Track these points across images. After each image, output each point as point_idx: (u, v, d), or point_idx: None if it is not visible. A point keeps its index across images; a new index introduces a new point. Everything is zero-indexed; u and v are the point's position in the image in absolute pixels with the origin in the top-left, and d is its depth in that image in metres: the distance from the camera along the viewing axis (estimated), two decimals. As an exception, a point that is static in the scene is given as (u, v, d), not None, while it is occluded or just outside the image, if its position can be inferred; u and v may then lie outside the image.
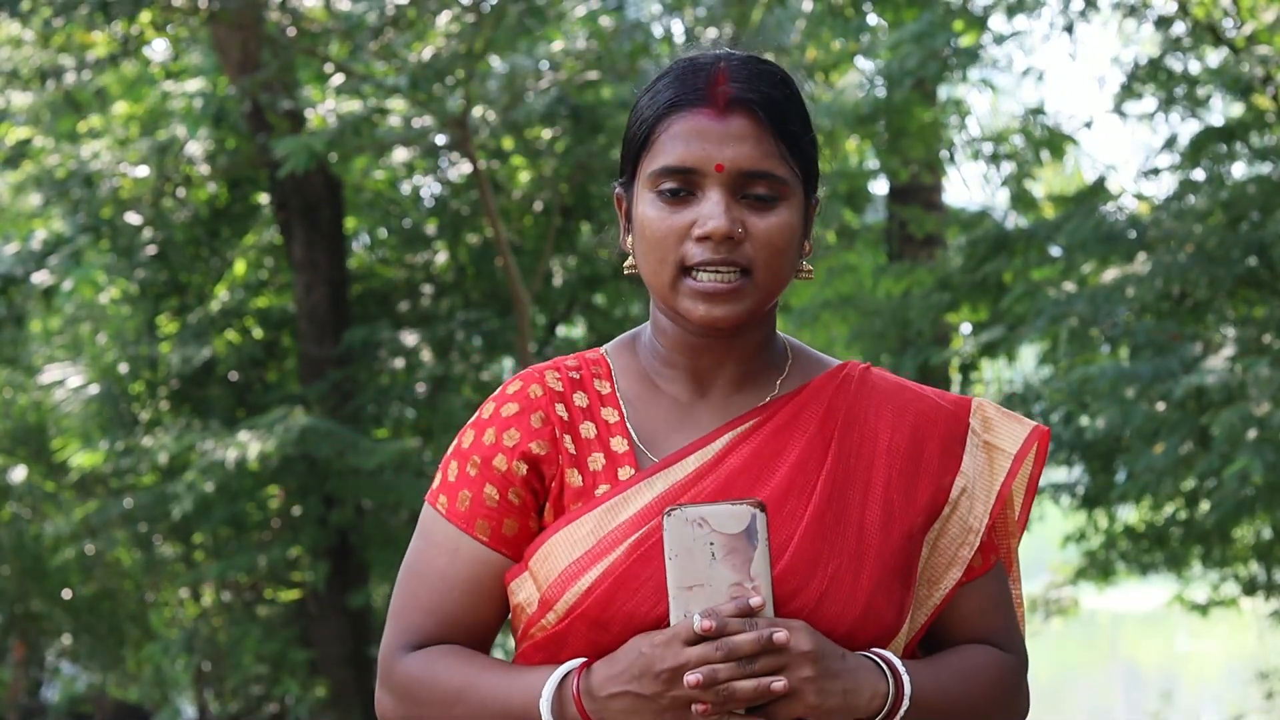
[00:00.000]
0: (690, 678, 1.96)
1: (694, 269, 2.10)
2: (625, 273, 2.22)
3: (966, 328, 10.77)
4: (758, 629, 1.98)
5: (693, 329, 2.15)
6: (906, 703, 2.06)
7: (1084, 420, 8.36)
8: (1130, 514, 10.11)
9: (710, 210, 2.09)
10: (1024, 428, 2.22)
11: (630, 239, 2.19)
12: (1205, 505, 8.82)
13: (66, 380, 11.73)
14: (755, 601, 1.98)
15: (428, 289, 11.91)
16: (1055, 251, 9.08)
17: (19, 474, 13.14)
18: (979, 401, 2.23)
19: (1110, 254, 8.38)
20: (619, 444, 2.15)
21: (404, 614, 2.18)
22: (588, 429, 2.16)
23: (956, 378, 10.32)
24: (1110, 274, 8.21)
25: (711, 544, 1.99)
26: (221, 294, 11.85)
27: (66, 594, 13.21)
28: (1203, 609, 11.04)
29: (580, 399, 2.18)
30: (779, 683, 1.98)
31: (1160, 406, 7.68)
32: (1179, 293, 8.23)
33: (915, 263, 10.61)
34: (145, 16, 9.76)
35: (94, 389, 11.57)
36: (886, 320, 9.90)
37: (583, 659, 2.07)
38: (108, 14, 9.19)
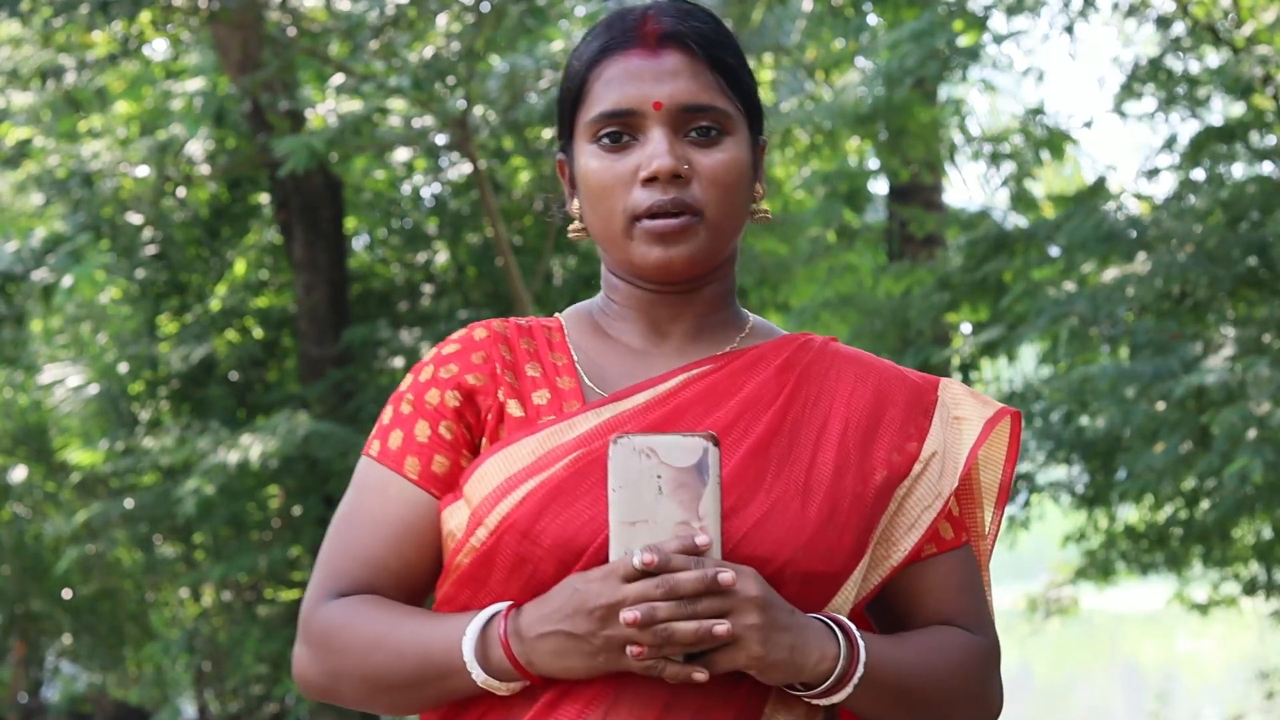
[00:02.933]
0: (627, 614, 1.83)
1: (644, 216, 2.00)
2: (570, 237, 2.12)
3: (966, 327, 10.78)
4: (703, 568, 1.85)
5: (648, 279, 2.06)
6: (860, 669, 1.92)
7: (1084, 420, 8.36)
8: (1130, 513, 10.11)
9: (654, 150, 2.00)
10: (991, 406, 2.12)
11: (575, 202, 2.10)
12: (1205, 505, 8.83)
13: (66, 380, 11.73)
14: (701, 540, 1.85)
15: (428, 289, 11.92)
16: (1054, 251, 9.09)
17: (19, 474, 13.15)
18: (948, 380, 2.13)
19: (1110, 254, 8.38)
20: (565, 382, 2.05)
21: (329, 561, 2.04)
22: (533, 369, 2.06)
23: (957, 377, 10.32)
24: (1110, 274, 8.22)
25: (659, 477, 1.86)
26: (222, 293, 11.85)
27: (67, 594, 13.22)
28: (1203, 609, 11.04)
29: (526, 343, 2.08)
30: (722, 626, 1.84)
31: (1160, 406, 7.68)
32: (1179, 292, 8.23)
33: (915, 262, 10.61)
34: (145, 16, 9.77)
35: (94, 389, 11.58)
36: (886, 320, 9.90)
37: (510, 603, 1.93)
38: (108, 14, 9.19)
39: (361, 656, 1.98)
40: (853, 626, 1.94)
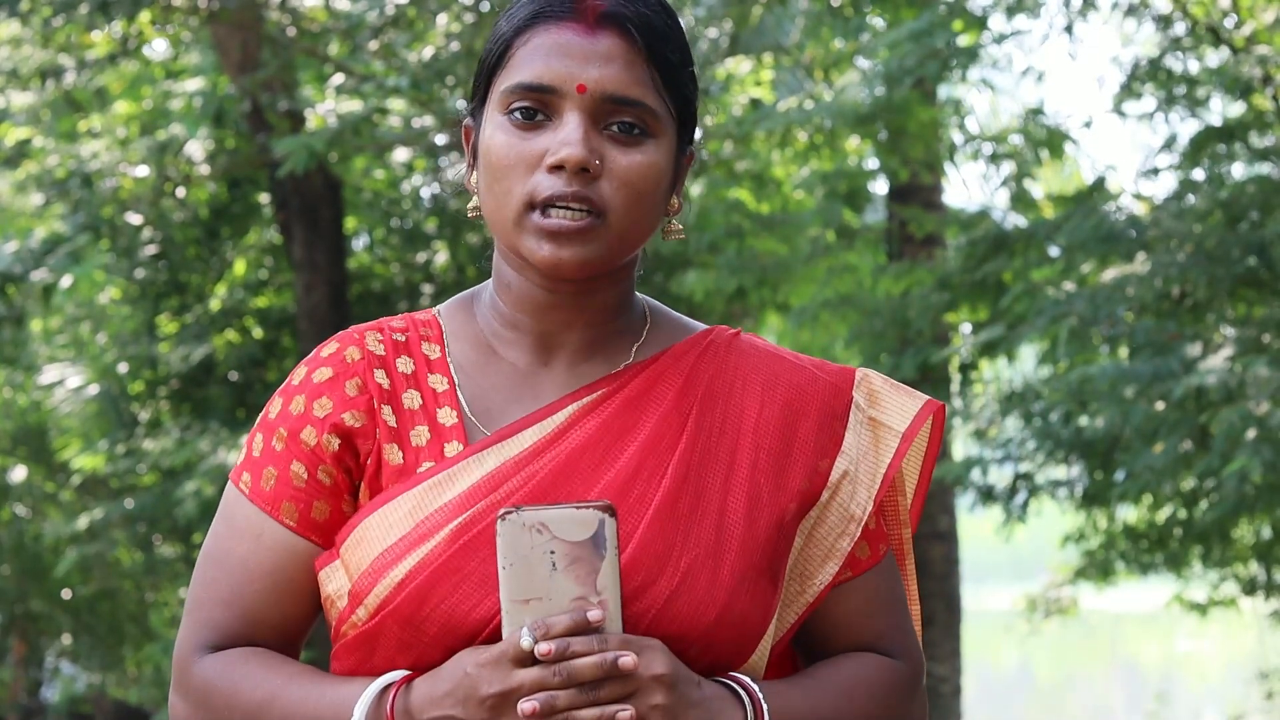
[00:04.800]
0: (525, 706, 1.70)
1: (543, 206, 1.81)
2: (469, 215, 1.94)
3: (966, 328, 10.78)
4: (605, 648, 1.72)
5: (537, 276, 1.87)
6: None
7: (1083, 420, 8.36)
8: (1130, 514, 10.11)
9: (566, 136, 1.81)
10: (915, 401, 1.95)
11: (474, 176, 1.91)
12: (1205, 505, 8.83)
13: (66, 380, 11.74)
14: (594, 615, 1.72)
15: (428, 289, 11.92)
16: (1054, 252, 9.09)
17: (19, 474, 13.15)
18: (864, 372, 1.96)
19: (1110, 254, 8.39)
20: (447, 415, 1.87)
21: (201, 608, 1.89)
22: (411, 398, 1.88)
23: (956, 377, 10.32)
24: (1110, 274, 8.22)
25: (552, 552, 1.73)
26: (221, 294, 11.86)
27: (66, 594, 13.22)
28: (1202, 609, 11.05)
29: (405, 364, 1.90)
30: (625, 712, 1.71)
31: (1160, 406, 7.68)
32: (1178, 292, 8.23)
33: (915, 262, 10.61)
34: (145, 16, 9.77)
35: (94, 389, 11.58)
36: (886, 320, 9.90)
37: (403, 673, 1.80)
38: (107, 14, 9.19)
39: None
40: (756, 688, 1.82)
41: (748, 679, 1.83)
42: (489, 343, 1.93)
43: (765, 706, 1.81)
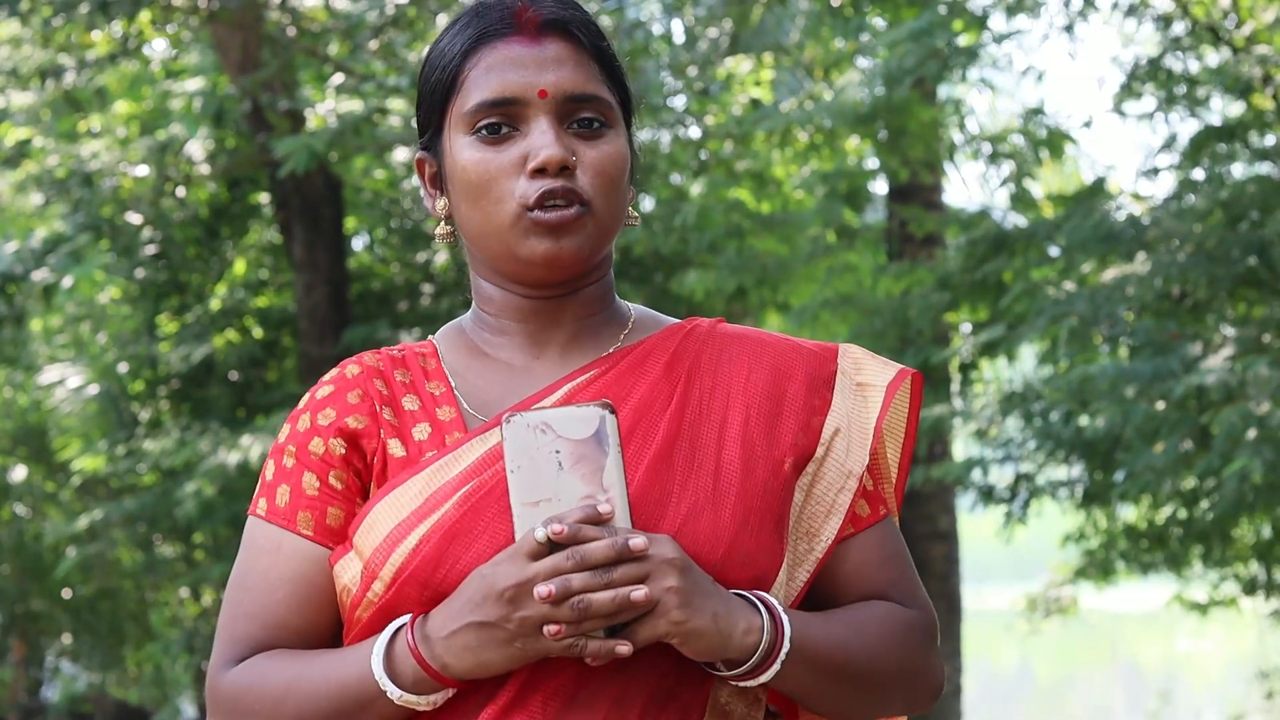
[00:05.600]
0: (541, 589, 1.73)
1: (537, 206, 1.90)
2: (439, 238, 2.05)
3: (966, 327, 10.78)
4: (614, 536, 1.76)
5: (533, 276, 1.95)
6: (787, 644, 1.83)
7: (1083, 420, 8.36)
8: (1130, 513, 10.11)
9: (541, 140, 1.90)
10: (892, 367, 2.03)
11: (442, 202, 2.00)
12: (1205, 504, 8.83)
13: (66, 380, 11.74)
14: (604, 508, 1.76)
15: (428, 289, 11.92)
16: (1054, 251, 9.09)
17: (19, 474, 13.15)
18: (847, 345, 2.04)
19: (1110, 254, 8.39)
20: (446, 412, 1.95)
21: (226, 628, 1.93)
22: (410, 401, 1.95)
23: (957, 377, 10.32)
24: (1110, 274, 8.22)
25: (557, 452, 1.77)
26: (221, 293, 11.86)
27: (67, 594, 13.22)
28: (1203, 608, 11.04)
29: (401, 375, 1.98)
30: (639, 591, 1.74)
31: (1160, 406, 7.68)
32: (1179, 292, 8.23)
33: (915, 262, 10.61)
34: (145, 16, 9.77)
35: (94, 389, 11.58)
36: (886, 320, 9.90)
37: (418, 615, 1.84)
38: (107, 13, 9.19)
39: (273, 710, 1.87)
40: (774, 600, 1.85)
41: (761, 592, 1.86)
42: (481, 349, 2.01)
43: (784, 615, 1.84)
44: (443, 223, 2.02)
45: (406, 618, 1.83)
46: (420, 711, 1.84)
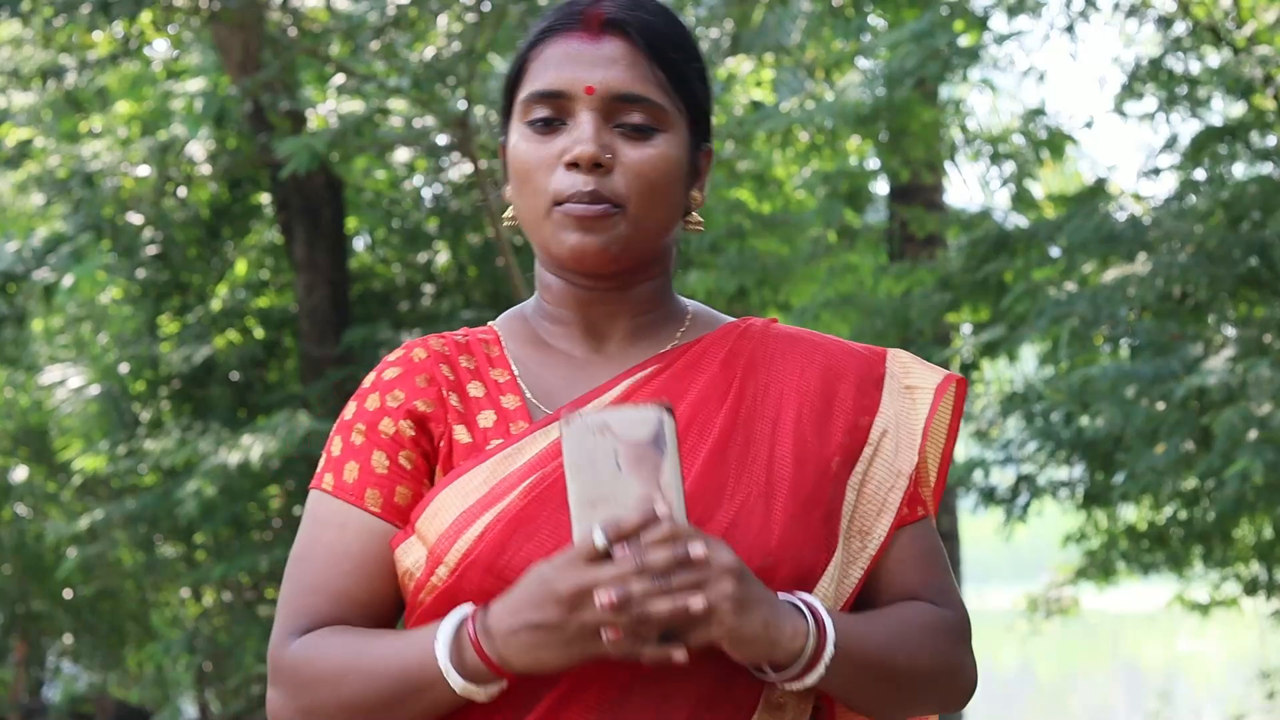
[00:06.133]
0: (602, 596, 1.75)
1: (565, 201, 1.95)
2: (506, 226, 2.08)
3: (967, 328, 10.78)
4: (675, 539, 1.78)
5: (566, 267, 1.99)
6: (831, 649, 1.86)
7: (1084, 420, 8.36)
8: (1131, 514, 10.12)
9: (579, 135, 1.95)
10: (939, 372, 2.07)
11: (509, 187, 2.04)
12: (1206, 505, 8.83)
13: (67, 380, 11.74)
14: (661, 510, 1.78)
15: (429, 289, 11.92)
16: (1055, 252, 9.09)
17: (20, 474, 13.16)
18: (895, 350, 2.09)
19: (1111, 254, 8.39)
20: (510, 400, 1.99)
21: (290, 600, 1.97)
22: (476, 388, 2.00)
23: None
24: (1111, 274, 8.22)
25: (616, 453, 1.79)
26: (222, 294, 11.86)
27: (68, 594, 13.22)
28: (1203, 609, 11.04)
29: (466, 361, 2.02)
30: (697, 601, 1.77)
31: (1161, 406, 7.69)
32: (1180, 293, 8.24)
33: (916, 263, 10.61)
34: (146, 16, 9.77)
35: (95, 389, 11.58)
36: (887, 320, 9.90)
37: (478, 605, 1.87)
38: (109, 14, 9.19)
39: (334, 685, 1.90)
40: (818, 603, 1.88)
41: (807, 595, 1.89)
42: (542, 339, 2.06)
43: (829, 620, 1.87)
44: (510, 208, 2.06)
45: (468, 608, 1.86)
46: (477, 702, 1.87)
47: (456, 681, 1.84)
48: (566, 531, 1.84)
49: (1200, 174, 8.87)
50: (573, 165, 1.95)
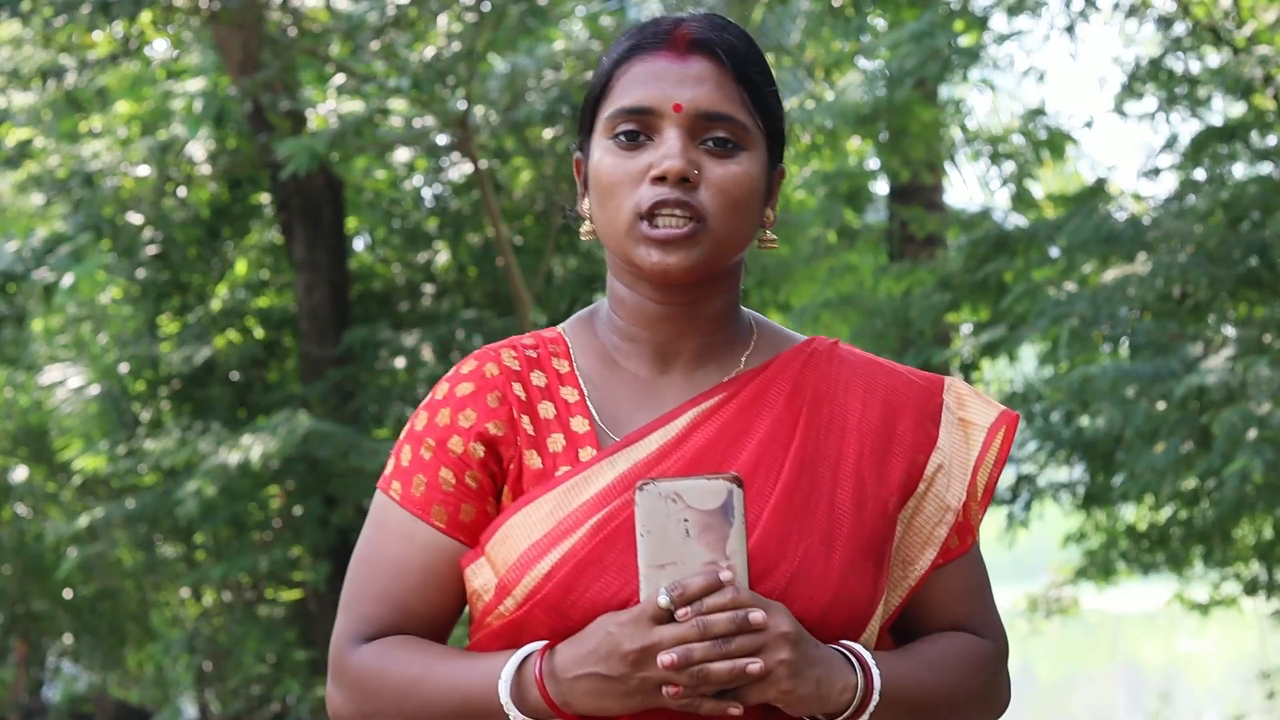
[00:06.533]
0: (664, 658, 1.86)
1: (650, 215, 2.01)
2: (583, 238, 2.13)
3: (967, 328, 10.78)
4: (736, 606, 1.88)
5: (649, 289, 2.06)
6: (876, 698, 1.97)
7: (1084, 420, 8.36)
8: (1131, 513, 10.11)
9: (666, 150, 2.01)
10: (994, 408, 2.14)
11: (586, 201, 2.10)
12: (1206, 505, 8.82)
13: (67, 380, 11.74)
14: (725, 575, 1.88)
15: (429, 289, 11.92)
16: (1055, 252, 9.09)
17: (20, 474, 13.15)
18: (951, 379, 2.16)
19: (1111, 254, 8.38)
20: (579, 424, 2.06)
21: (355, 604, 2.07)
22: (546, 409, 2.07)
23: (958, 377, 10.32)
24: (1111, 274, 8.22)
25: (685, 520, 1.89)
26: (222, 294, 11.85)
27: (68, 594, 13.22)
28: (1204, 609, 11.04)
29: (538, 378, 2.08)
30: (755, 665, 1.88)
31: (1161, 406, 7.68)
32: (1179, 293, 8.23)
33: (916, 263, 10.61)
34: (146, 16, 9.77)
35: (95, 389, 11.58)
36: (887, 320, 9.90)
37: (544, 641, 1.96)
38: (108, 14, 9.19)
39: (398, 701, 2.01)
40: (867, 655, 1.99)
41: (859, 646, 2.00)
42: (611, 355, 2.12)
43: (875, 670, 1.97)
44: (587, 221, 2.11)
45: (533, 646, 1.96)
46: None
47: (516, 716, 1.95)
48: (632, 574, 1.93)
49: (1200, 174, 8.87)
50: (659, 179, 2.00)
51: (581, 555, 1.96)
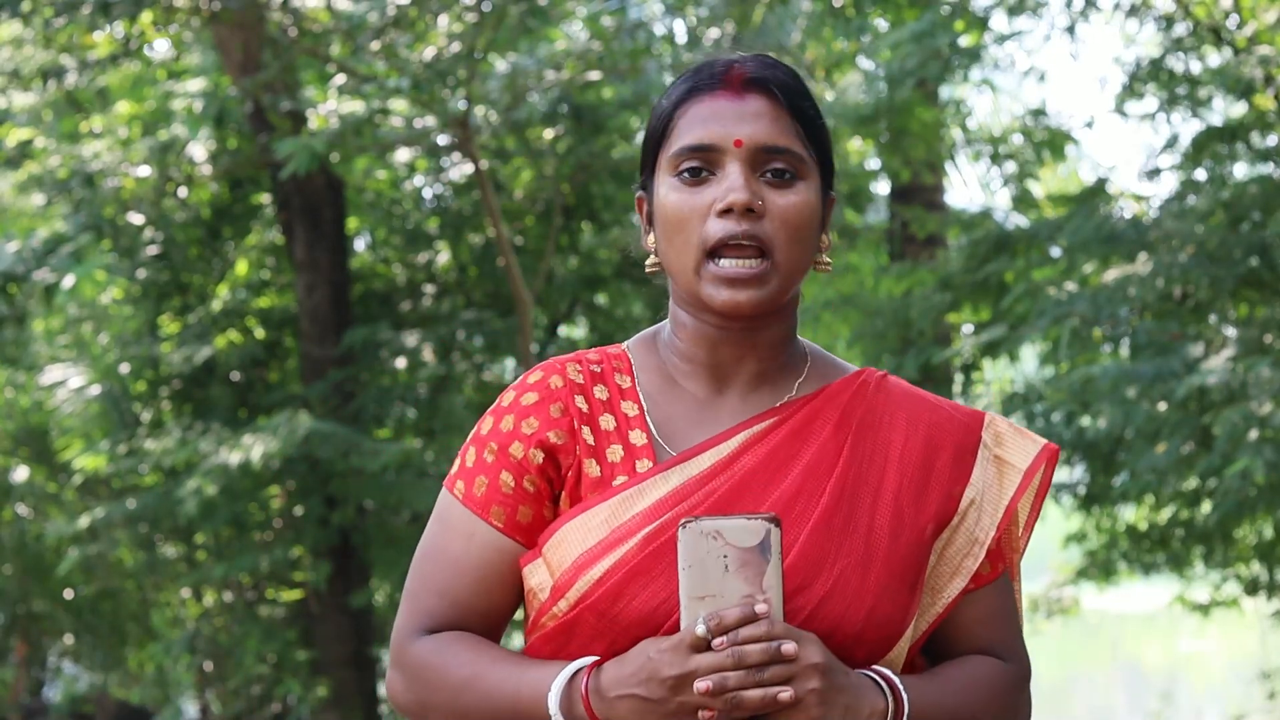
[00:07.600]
0: (700, 685, 1.98)
1: (717, 251, 2.12)
2: (648, 272, 2.24)
3: (968, 328, 10.77)
4: (770, 637, 2.00)
5: (715, 317, 2.17)
6: None
7: (1085, 420, 8.36)
8: (1132, 514, 10.11)
9: (731, 184, 2.12)
10: (1035, 445, 2.25)
11: (651, 237, 2.22)
12: (1207, 505, 8.82)
13: (68, 381, 11.73)
14: (760, 609, 1.99)
15: (429, 289, 11.92)
16: (1056, 252, 9.08)
17: (21, 474, 13.16)
18: (991, 416, 2.26)
19: (1111, 254, 8.38)
20: (638, 437, 2.17)
21: (418, 597, 2.20)
22: (607, 421, 2.18)
23: (958, 378, 10.31)
24: (1111, 274, 8.21)
25: (725, 556, 2.01)
26: (223, 294, 11.85)
27: (68, 594, 13.22)
28: (1204, 609, 11.03)
29: (600, 392, 2.20)
30: (785, 693, 1.99)
31: (1162, 406, 7.68)
32: (1180, 293, 8.23)
33: (917, 263, 10.61)
34: (146, 17, 9.77)
35: (95, 389, 11.57)
36: (888, 320, 9.90)
37: (594, 658, 2.09)
38: (109, 14, 9.19)
39: (453, 695, 2.14)
40: (897, 680, 2.09)
41: (888, 671, 2.11)
42: (670, 374, 2.23)
43: (905, 695, 2.09)
44: (652, 255, 2.22)
45: (582, 662, 2.08)
46: None
47: None
48: (676, 585, 2.04)
49: (1201, 174, 8.86)
50: (726, 212, 2.12)
51: (632, 564, 2.08)
